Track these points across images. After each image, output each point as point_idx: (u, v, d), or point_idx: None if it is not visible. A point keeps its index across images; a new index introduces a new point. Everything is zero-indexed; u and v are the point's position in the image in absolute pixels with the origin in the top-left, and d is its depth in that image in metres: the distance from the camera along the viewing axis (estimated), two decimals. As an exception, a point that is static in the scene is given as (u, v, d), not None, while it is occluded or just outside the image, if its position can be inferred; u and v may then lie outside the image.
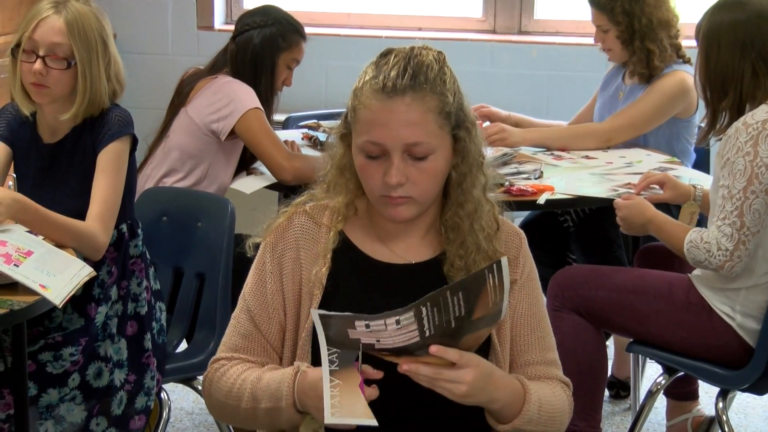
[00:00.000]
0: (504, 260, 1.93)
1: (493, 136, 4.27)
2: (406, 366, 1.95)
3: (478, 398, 2.02)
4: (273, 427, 2.17)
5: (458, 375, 1.96)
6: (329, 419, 1.92)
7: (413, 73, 2.09)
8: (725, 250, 3.19)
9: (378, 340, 1.95)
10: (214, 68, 4.17)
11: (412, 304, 1.89)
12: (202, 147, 4.04)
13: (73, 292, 2.83)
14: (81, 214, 3.08)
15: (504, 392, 2.07)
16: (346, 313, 1.95)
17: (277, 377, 2.10)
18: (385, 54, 2.14)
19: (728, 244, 3.18)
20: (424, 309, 1.90)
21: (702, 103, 3.86)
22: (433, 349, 1.93)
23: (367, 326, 1.94)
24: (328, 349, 1.95)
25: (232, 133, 4.00)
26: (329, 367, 1.94)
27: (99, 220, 3.08)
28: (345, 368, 1.96)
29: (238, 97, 4.02)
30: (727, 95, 3.31)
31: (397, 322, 1.91)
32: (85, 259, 2.99)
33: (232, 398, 2.15)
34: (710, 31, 3.34)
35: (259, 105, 4.02)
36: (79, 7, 3.09)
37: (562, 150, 4.37)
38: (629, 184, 3.78)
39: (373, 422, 1.93)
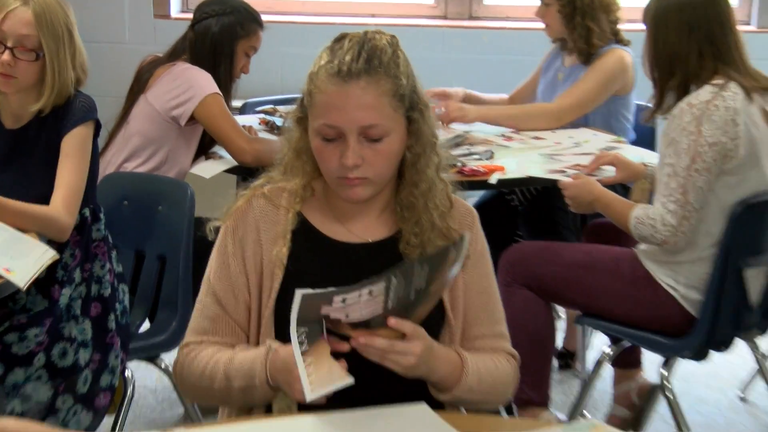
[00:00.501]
0: (466, 235, 1.96)
1: (453, 113, 4.33)
2: (362, 339, 1.96)
3: (421, 370, 2.04)
4: (247, 404, 2.18)
5: (408, 347, 1.97)
6: (310, 397, 1.93)
7: (367, 57, 2.09)
8: (669, 226, 3.23)
9: (347, 315, 1.95)
10: (173, 55, 4.15)
11: (384, 273, 1.90)
12: (162, 133, 4.02)
13: (36, 275, 2.84)
14: (45, 199, 3.08)
15: (442, 364, 2.09)
16: (329, 289, 1.95)
17: (249, 357, 2.11)
18: (340, 39, 2.14)
19: (672, 220, 3.22)
20: (393, 278, 1.91)
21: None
22: (392, 321, 1.94)
23: (344, 300, 1.94)
24: (297, 329, 1.94)
25: (192, 119, 3.99)
26: (300, 348, 1.95)
27: (63, 203, 3.07)
28: (313, 344, 1.97)
29: (197, 83, 4.01)
30: (673, 75, 3.35)
31: (370, 293, 1.92)
32: (50, 242, 2.99)
33: (206, 379, 2.16)
34: (658, 13, 3.38)
35: (218, 90, 4.01)
36: None
37: (515, 128, 4.43)
38: (577, 165, 3.82)
39: (351, 380, 1.94)
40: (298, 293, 1.94)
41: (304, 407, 2.04)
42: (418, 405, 2.08)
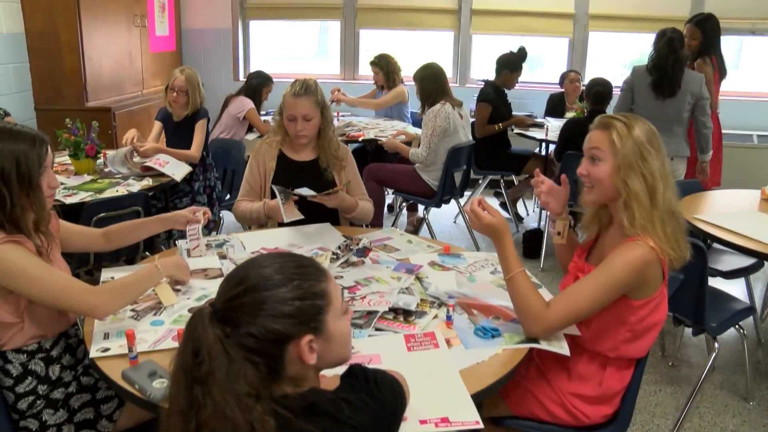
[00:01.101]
0: (345, 179, 1.91)
1: (342, 96, 4.37)
2: (310, 199, 1.91)
3: (341, 206, 2.01)
4: (258, 223, 2.11)
5: (331, 199, 1.94)
6: (286, 219, 1.87)
7: (306, 87, 2.06)
8: (423, 156, 3.28)
9: (300, 192, 1.91)
10: (238, 93, 4.07)
11: (317, 194, 1.87)
12: (234, 123, 3.94)
13: (184, 176, 2.83)
14: (188, 148, 3.04)
15: (349, 202, 2.05)
16: (286, 189, 1.90)
17: (258, 205, 2.06)
18: (295, 81, 2.10)
19: (425, 153, 3.28)
20: (315, 192, 1.91)
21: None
22: (318, 195, 1.91)
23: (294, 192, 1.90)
24: (279, 196, 1.89)
25: (245, 118, 3.92)
26: (280, 201, 1.89)
27: (195, 149, 3.06)
28: (286, 201, 1.91)
29: (246, 104, 3.93)
30: (428, 99, 3.33)
31: (306, 191, 1.89)
32: (190, 164, 2.95)
33: (245, 214, 2.08)
34: (422, 76, 3.33)
35: (254, 107, 3.95)
36: (189, 71, 3.03)
37: (365, 108, 4.43)
38: (391, 134, 3.78)
39: (302, 216, 1.92)
40: (274, 186, 1.92)
41: (280, 225, 2.02)
42: (325, 224, 2.03)
